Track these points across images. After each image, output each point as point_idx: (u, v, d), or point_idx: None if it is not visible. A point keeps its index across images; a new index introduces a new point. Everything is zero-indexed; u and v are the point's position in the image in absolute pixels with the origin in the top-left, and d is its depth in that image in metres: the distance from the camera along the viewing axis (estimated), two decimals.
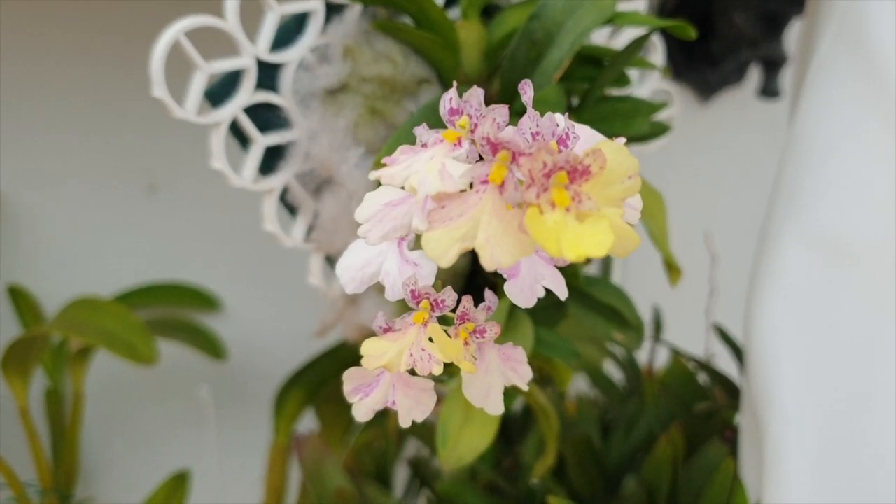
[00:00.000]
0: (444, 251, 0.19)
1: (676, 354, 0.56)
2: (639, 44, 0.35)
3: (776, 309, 0.39)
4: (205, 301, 0.74)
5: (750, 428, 0.41)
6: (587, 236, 0.18)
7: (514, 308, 0.37)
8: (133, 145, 0.72)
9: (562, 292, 0.23)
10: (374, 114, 0.36)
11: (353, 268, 0.24)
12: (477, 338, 0.23)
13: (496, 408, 0.24)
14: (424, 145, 0.21)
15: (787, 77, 0.82)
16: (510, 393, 0.55)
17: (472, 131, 0.20)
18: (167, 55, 0.35)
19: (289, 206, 0.42)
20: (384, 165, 0.21)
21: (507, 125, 0.20)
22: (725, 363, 0.58)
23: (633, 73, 0.46)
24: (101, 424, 0.73)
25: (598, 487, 0.51)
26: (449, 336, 0.23)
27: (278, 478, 0.68)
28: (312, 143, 0.37)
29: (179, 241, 0.74)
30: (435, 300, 0.23)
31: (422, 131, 0.21)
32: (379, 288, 0.40)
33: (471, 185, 0.20)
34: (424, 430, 0.62)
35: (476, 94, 0.20)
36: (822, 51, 0.42)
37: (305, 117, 0.37)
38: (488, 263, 0.19)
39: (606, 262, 0.69)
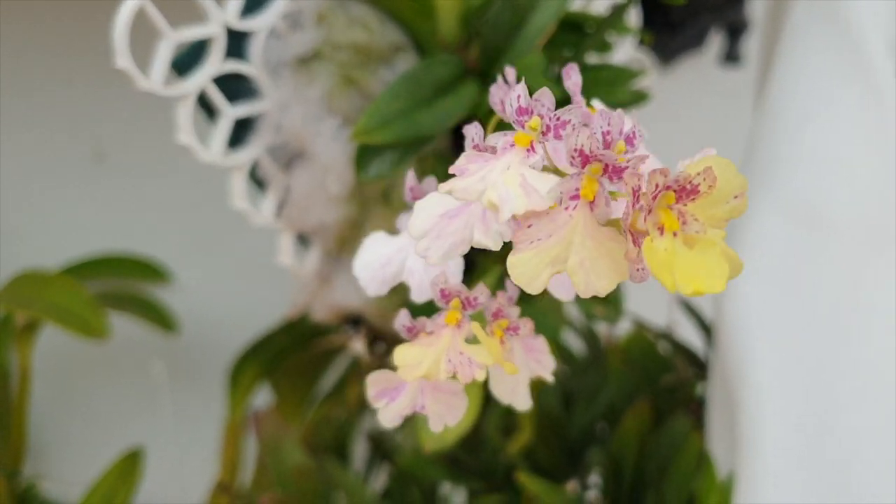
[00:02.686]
0: (534, 276, 0.17)
1: (638, 324, 0.56)
2: (622, 9, 0.34)
3: (750, 282, 0.39)
4: (156, 273, 0.72)
5: (720, 401, 0.41)
6: (702, 267, 0.17)
7: (500, 282, 0.36)
8: (78, 111, 0.70)
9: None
10: (348, 83, 0.34)
11: (374, 266, 0.22)
12: (511, 334, 0.22)
13: (524, 403, 0.23)
14: (493, 150, 0.19)
15: (749, 43, 0.82)
16: None
17: (544, 133, 0.19)
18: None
19: (257, 181, 0.40)
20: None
21: (581, 126, 0.18)
22: (686, 332, 0.58)
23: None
24: (50, 401, 0.72)
25: (561, 459, 0.51)
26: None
27: (233, 453, 0.68)
28: (284, 114, 0.35)
29: (128, 211, 0.72)
30: (467, 298, 0.21)
31: (475, 131, 0.19)
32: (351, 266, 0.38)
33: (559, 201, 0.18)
34: None
35: (546, 93, 0.19)
36: (794, 19, 0.42)
37: (277, 87, 0.35)
38: (583, 290, 0.17)
39: None
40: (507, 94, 0.20)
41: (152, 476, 0.66)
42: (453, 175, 0.19)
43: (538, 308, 0.39)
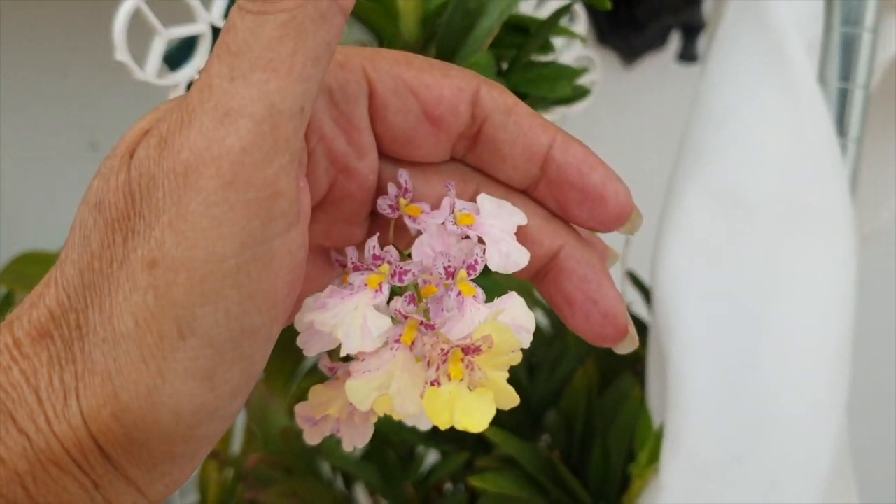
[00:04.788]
0: (364, 398, 0.23)
1: None
2: (560, 14, 0.39)
3: (680, 253, 0.44)
4: None
5: (655, 359, 0.46)
6: (475, 409, 0.22)
7: None
8: (73, 103, 0.73)
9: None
10: None
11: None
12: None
13: (427, 426, 0.27)
14: (351, 285, 0.24)
15: (703, 42, 0.86)
16: None
17: (392, 276, 0.24)
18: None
19: None
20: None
21: (420, 272, 0.24)
22: (640, 310, 0.63)
23: (559, 41, 0.49)
24: None
25: (524, 421, 0.55)
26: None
27: None
28: None
29: None
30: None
31: (352, 253, 0.25)
32: None
33: (385, 342, 0.24)
34: None
35: (391, 250, 0.24)
36: (726, 21, 0.46)
37: None
38: (399, 411, 0.23)
39: None
40: (402, 193, 0.25)
41: None
42: None
43: (491, 279, 0.44)
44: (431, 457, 0.61)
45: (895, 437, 1.09)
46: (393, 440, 0.60)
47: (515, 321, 0.24)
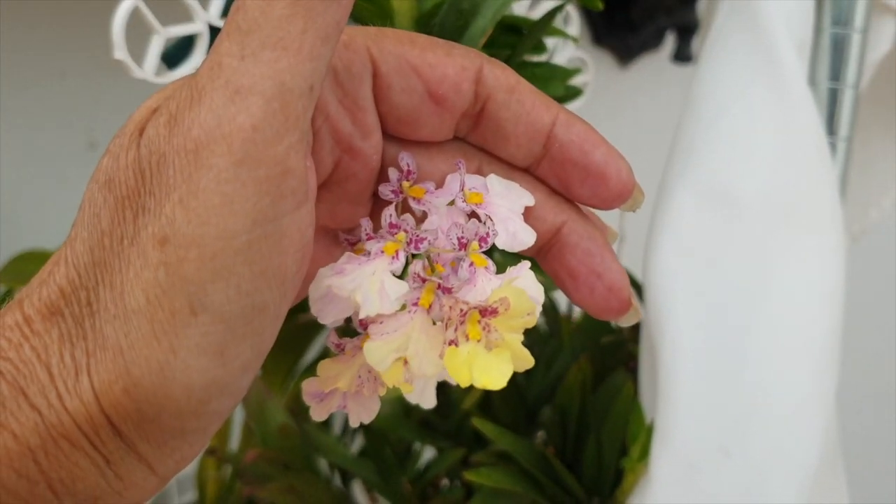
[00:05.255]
0: (382, 359, 0.23)
1: None
2: (552, 15, 0.40)
3: (670, 250, 0.44)
4: None
5: (647, 356, 0.47)
6: (493, 368, 0.23)
7: None
8: (72, 103, 0.74)
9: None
10: None
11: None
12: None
13: (430, 403, 0.29)
14: (368, 253, 0.25)
15: (697, 43, 0.87)
16: None
17: (408, 244, 0.25)
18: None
19: None
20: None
21: (436, 241, 0.25)
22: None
23: (552, 42, 0.50)
24: None
25: (520, 417, 0.56)
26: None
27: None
28: None
29: None
30: None
31: (367, 224, 0.26)
32: None
33: (403, 306, 0.24)
34: None
35: (408, 218, 0.25)
36: (717, 22, 0.47)
37: None
38: (416, 372, 0.23)
39: None
40: (405, 176, 0.26)
41: None
42: None
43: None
44: (428, 453, 0.61)
45: (889, 434, 1.10)
46: (390, 437, 0.60)
47: (526, 291, 0.24)
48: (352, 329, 0.26)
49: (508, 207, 0.26)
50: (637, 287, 0.61)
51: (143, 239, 0.21)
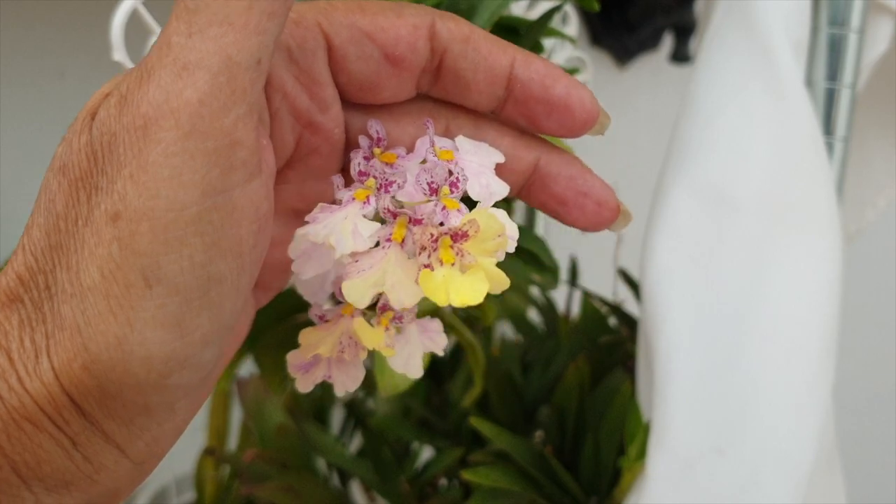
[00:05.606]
0: (361, 295, 0.24)
1: (587, 296, 0.61)
2: (550, 15, 0.40)
3: (667, 250, 0.45)
4: None
5: (644, 355, 0.47)
6: (468, 287, 0.24)
7: None
8: (70, 102, 0.74)
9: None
10: None
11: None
12: (396, 323, 0.28)
13: (417, 372, 0.29)
14: (339, 202, 0.26)
15: (695, 43, 0.87)
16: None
17: (378, 189, 0.25)
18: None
19: None
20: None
21: (405, 183, 0.25)
22: (633, 307, 0.63)
23: (550, 42, 0.50)
24: None
25: (518, 417, 0.56)
26: (371, 325, 0.27)
27: (221, 421, 0.71)
28: None
29: None
30: None
31: (338, 181, 0.26)
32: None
33: (377, 243, 0.25)
34: None
35: (377, 165, 0.26)
36: (714, 22, 0.47)
37: None
38: (395, 303, 0.24)
39: (531, 213, 0.74)
40: (376, 143, 0.26)
41: None
42: None
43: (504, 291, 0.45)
44: (426, 453, 0.62)
45: (888, 434, 1.10)
46: (388, 437, 0.60)
47: (496, 214, 0.25)
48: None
49: (479, 163, 0.26)
50: (634, 286, 0.61)
51: (97, 217, 0.22)
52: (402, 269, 0.24)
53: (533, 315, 0.71)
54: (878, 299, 1.05)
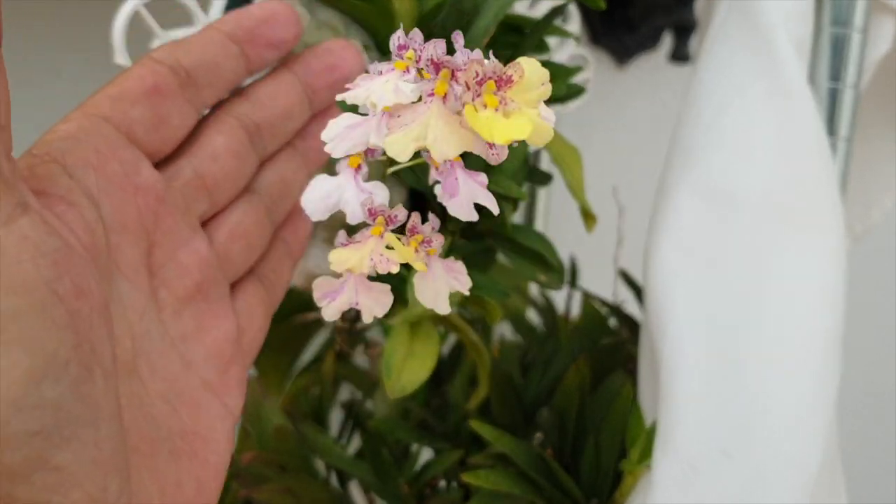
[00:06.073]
0: (403, 149, 0.24)
1: (587, 297, 0.61)
2: (555, 14, 0.40)
3: (671, 251, 0.44)
4: None
5: (646, 357, 0.47)
6: (511, 126, 0.24)
7: (451, 251, 0.41)
8: (68, 104, 0.73)
9: (493, 207, 0.27)
10: None
11: (316, 199, 0.28)
12: (425, 246, 0.28)
13: (445, 308, 0.29)
14: (380, 72, 0.26)
15: (695, 42, 0.87)
16: (441, 334, 0.59)
17: (417, 62, 0.26)
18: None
19: None
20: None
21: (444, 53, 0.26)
22: (633, 308, 0.63)
23: (552, 40, 0.50)
24: None
25: (518, 419, 0.55)
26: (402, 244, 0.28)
27: None
28: None
29: None
30: (388, 216, 0.28)
31: (375, 65, 0.27)
32: (326, 238, 0.43)
33: (419, 99, 0.25)
34: (357, 376, 0.66)
35: (417, 34, 0.26)
36: (716, 21, 0.47)
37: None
38: (438, 156, 0.24)
39: (530, 213, 0.74)
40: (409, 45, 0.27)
41: None
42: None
43: (488, 276, 0.44)
44: (425, 454, 0.61)
45: (889, 435, 1.10)
46: (387, 439, 0.60)
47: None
48: (354, 332, 0.27)
49: None
50: (634, 287, 0.61)
51: None
52: (444, 123, 0.24)
53: (532, 316, 0.70)
54: (883, 299, 1.05)
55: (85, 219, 0.27)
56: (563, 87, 0.42)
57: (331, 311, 0.29)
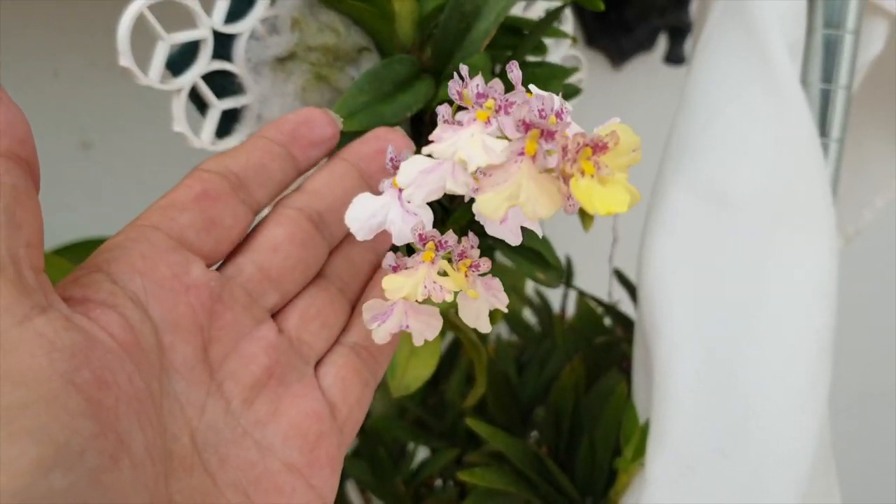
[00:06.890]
0: (496, 208, 0.25)
1: (582, 296, 0.62)
2: (554, 15, 0.40)
3: (666, 251, 0.45)
4: None
5: (641, 356, 0.47)
6: (611, 196, 0.24)
7: None
8: (65, 102, 0.74)
9: (537, 230, 0.28)
10: (319, 79, 0.40)
11: (361, 218, 0.29)
12: (473, 271, 0.28)
13: (486, 327, 0.30)
14: (460, 123, 0.26)
15: (690, 45, 0.87)
16: (441, 332, 0.60)
17: (497, 111, 0.26)
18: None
19: None
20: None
21: (524, 103, 0.26)
22: (628, 308, 0.63)
23: (547, 41, 0.50)
24: None
25: (514, 417, 0.56)
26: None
27: None
28: (264, 106, 0.40)
29: (114, 196, 0.76)
30: (439, 241, 0.28)
31: (445, 111, 0.27)
32: None
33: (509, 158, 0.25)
34: None
35: (497, 83, 0.26)
36: (711, 22, 0.47)
37: (257, 83, 0.40)
38: (530, 215, 0.25)
39: None
40: (465, 85, 0.27)
41: None
42: (430, 142, 0.27)
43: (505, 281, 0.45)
44: (422, 453, 0.62)
45: (886, 435, 1.11)
46: (384, 438, 0.60)
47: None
48: None
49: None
50: (629, 286, 0.62)
51: None
52: (535, 183, 0.25)
53: (528, 315, 0.71)
54: (877, 299, 1.06)
55: (126, 319, 0.27)
56: (561, 88, 0.42)
57: (381, 334, 0.29)
